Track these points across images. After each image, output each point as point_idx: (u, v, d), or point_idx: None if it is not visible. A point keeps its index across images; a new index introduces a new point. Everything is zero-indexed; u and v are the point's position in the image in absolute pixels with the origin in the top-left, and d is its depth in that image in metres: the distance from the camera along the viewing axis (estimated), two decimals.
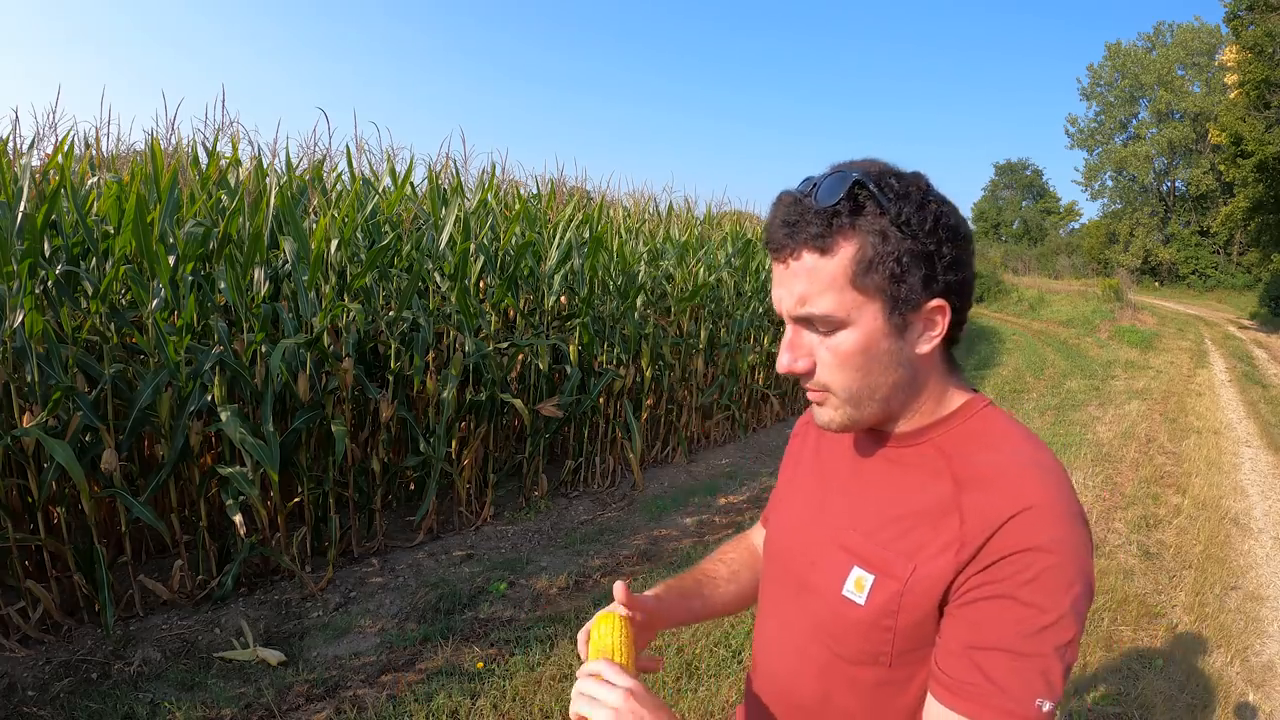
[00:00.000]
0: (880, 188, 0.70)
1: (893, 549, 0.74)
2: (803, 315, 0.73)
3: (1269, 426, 7.49)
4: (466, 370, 3.89)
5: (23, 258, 2.57)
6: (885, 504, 0.78)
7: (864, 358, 0.73)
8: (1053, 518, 0.68)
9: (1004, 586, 0.67)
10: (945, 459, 0.76)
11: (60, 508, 2.78)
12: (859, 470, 0.84)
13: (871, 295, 0.71)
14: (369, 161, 4.53)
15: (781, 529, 0.92)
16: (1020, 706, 0.65)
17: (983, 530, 0.69)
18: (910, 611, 0.72)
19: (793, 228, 0.71)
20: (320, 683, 2.49)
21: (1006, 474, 0.72)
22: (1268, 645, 3.08)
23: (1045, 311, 21.42)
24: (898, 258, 0.70)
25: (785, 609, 0.87)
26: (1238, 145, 17.76)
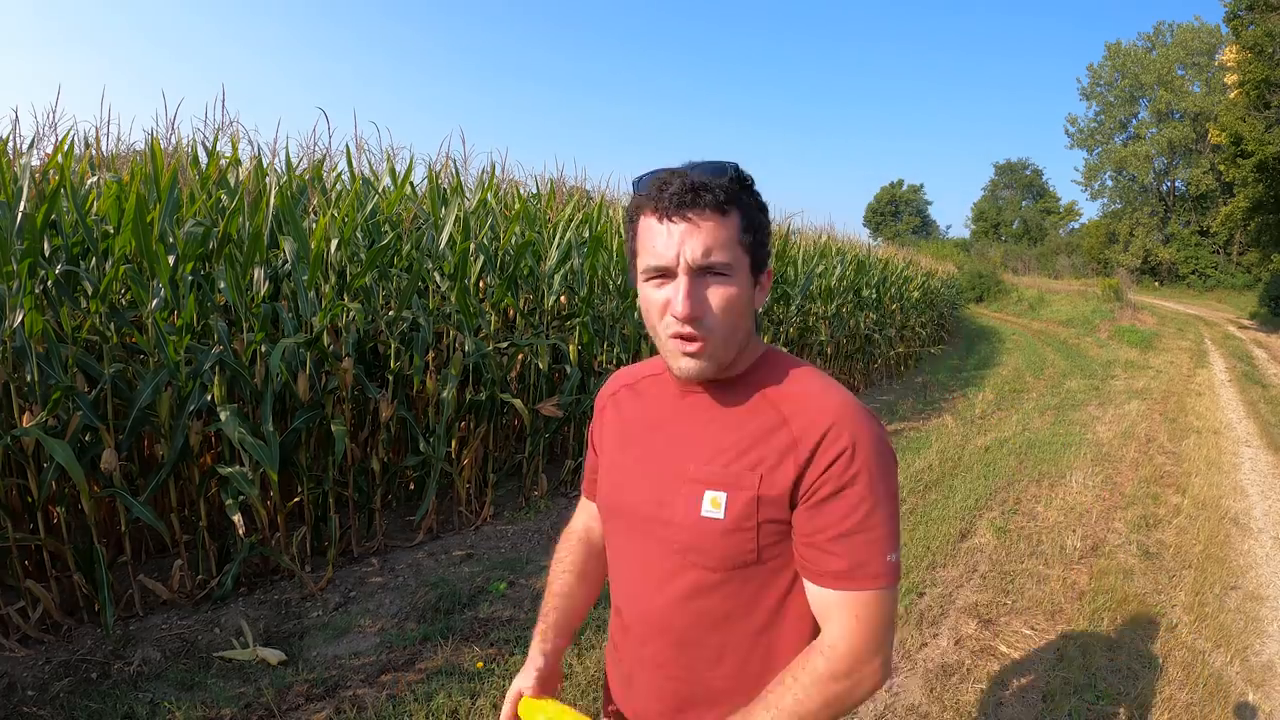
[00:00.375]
0: (746, 177, 0.90)
1: (736, 467, 0.91)
2: (705, 265, 0.86)
3: (1269, 426, 7.49)
4: (466, 370, 3.89)
5: (23, 257, 2.56)
6: (718, 435, 0.94)
7: (740, 304, 0.89)
8: (859, 419, 0.89)
9: (839, 481, 0.86)
10: (762, 394, 0.94)
11: (60, 507, 2.78)
12: (681, 416, 0.98)
13: (745, 254, 0.90)
14: (369, 161, 4.53)
15: (619, 488, 1.03)
16: (879, 566, 0.87)
17: (811, 438, 0.88)
18: (766, 510, 0.89)
19: (697, 193, 0.85)
20: (320, 682, 2.48)
21: (815, 394, 0.92)
22: (1268, 645, 3.08)
23: (1045, 311, 21.43)
24: (761, 229, 0.92)
25: (643, 550, 0.98)
26: (1238, 145, 17.76)
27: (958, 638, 2.99)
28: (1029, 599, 3.35)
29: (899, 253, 14.46)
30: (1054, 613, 3.24)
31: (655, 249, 0.88)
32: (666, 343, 0.91)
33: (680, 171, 0.88)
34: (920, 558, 3.72)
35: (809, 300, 7.90)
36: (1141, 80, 36.32)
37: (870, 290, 9.81)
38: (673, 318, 0.88)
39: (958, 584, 3.49)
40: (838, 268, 8.80)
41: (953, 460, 5.59)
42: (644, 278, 0.90)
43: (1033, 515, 4.48)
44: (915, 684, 2.65)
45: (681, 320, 0.87)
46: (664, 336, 0.91)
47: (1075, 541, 4.02)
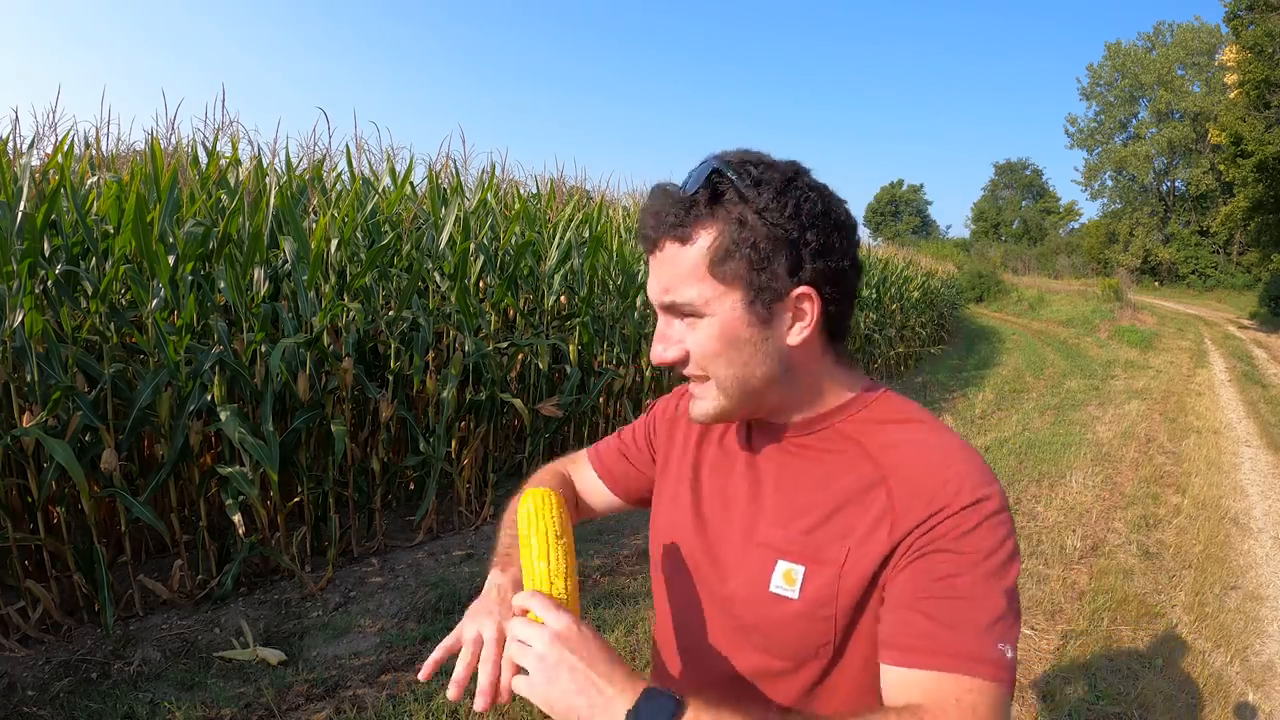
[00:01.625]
0: (739, 175, 0.70)
1: (819, 536, 0.72)
2: (665, 304, 0.74)
3: (1269, 426, 7.49)
4: (466, 370, 3.89)
5: (23, 257, 2.56)
6: (798, 493, 0.76)
7: (725, 346, 0.72)
8: (978, 479, 0.69)
9: (942, 543, 0.66)
10: (854, 441, 0.75)
11: (60, 507, 2.78)
12: (758, 464, 0.81)
13: (730, 284, 0.71)
14: (369, 161, 4.53)
15: (672, 523, 0.88)
16: (980, 648, 0.62)
17: (913, 499, 0.68)
18: (850, 594, 0.70)
19: (657, 218, 0.72)
20: (320, 682, 2.48)
21: (925, 445, 0.72)
22: (1267, 645, 3.08)
23: (1045, 311, 21.43)
24: (754, 244, 0.69)
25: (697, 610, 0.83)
26: (1238, 145, 17.77)
27: None
28: (1029, 599, 3.35)
29: (899, 253, 14.46)
30: (1054, 613, 3.24)
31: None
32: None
33: (660, 189, 0.74)
34: None
35: None
36: (1141, 80, 36.33)
37: (870, 290, 9.81)
38: None
39: None
40: None
41: None
42: None
43: (1033, 515, 4.48)
44: None
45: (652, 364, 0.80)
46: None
47: (1075, 541, 4.02)
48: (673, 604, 0.88)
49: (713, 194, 0.70)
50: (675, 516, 0.88)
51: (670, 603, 0.88)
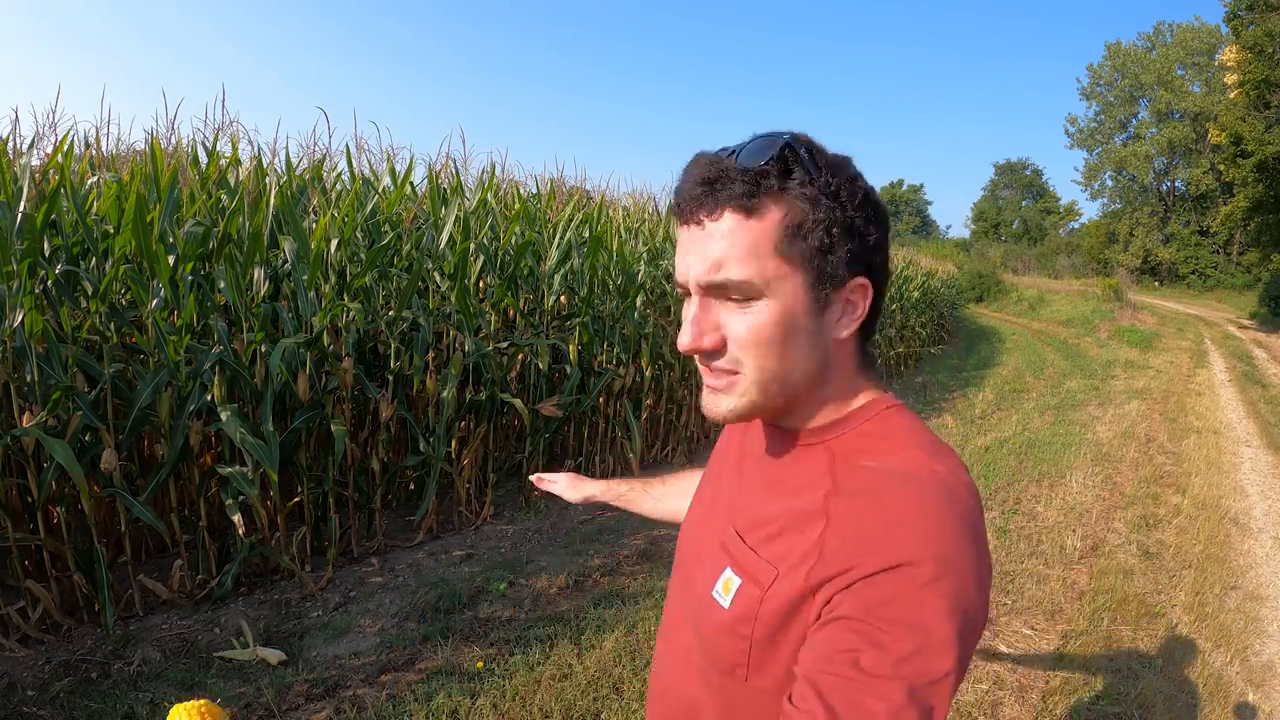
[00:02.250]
0: (811, 154, 0.65)
1: (761, 553, 0.68)
2: (715, 282, 0.65)
3: (1269, 426, 7.49)
4: (466, 370, 3.89)
5: (23, 257, 2.56)
6: (763, 505, 0.73)
7: (781, 333, 0.66)
8: (930, 532, 0.59)
9: (852, 607, 0.58)
10: (829, 462, 0.69)
11: (60, 507, 2.78)
12: (756, 458, 0.78)
13: (795, 265, 0.65)
14: (369, 161, 4.53)
15: (685, 522, 0.90)
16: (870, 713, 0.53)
17: (845, 541, 0.61)
18: (766, 622, 0.65)
19: (712, 185, 0.64)
20: (320, 682, 2.48)
21: (884, 487, 0.64)
22: (1267, 645, 3.08)
23: (1045, 311, 21.43)
24: (827, 227, 0.65)
25: (673, 605, 0.85)
26: (1238, 145, 17.77)
27: None
28: (1029, 599, 3.35)
29: (898, 253, 14.44)
30: (1054, 613, 3.24)
31: (675, 261, 0.70)
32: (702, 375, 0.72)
33: (712, 157, 0.67)
34: None
35: None
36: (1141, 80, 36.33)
37: None
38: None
39: None
40: None
41: None
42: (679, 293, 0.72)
43: (1033, 515, 4.48)
44: None
45: (682, 351, 0.68)
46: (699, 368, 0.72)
47: (1075, 541, 4.02)
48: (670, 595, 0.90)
49: (783, 168, 0.65)
50: (689, 516, 0.91)
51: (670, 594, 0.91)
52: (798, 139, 0.66)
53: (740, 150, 0.66)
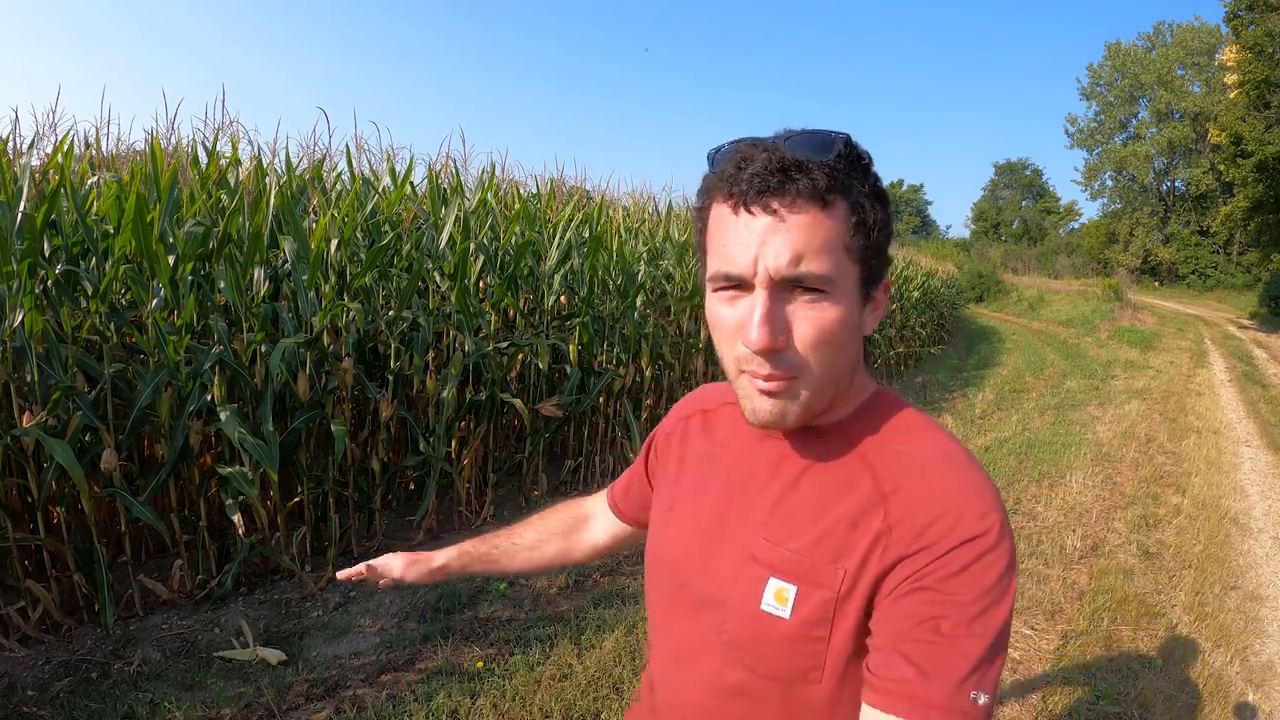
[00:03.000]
0: (860, 154, 0.66)
1: (814, 555, 0.69)
2: (793, 276, 0.63)
3: (1269, 426, 7.49)
4: (466, 370, 3.89)
5: (22, 257, 2.56)
6: (800, 506, 0.72)
7: (844, 333, 0.66)
8: (980, 509, 0.65)
9: (930, 580, 0.63)
10: (860, 455, 0.71)
11: (60, 507, 2.78)
12: (755, 468, 0.77)
13: (854, 262, 0.66)
14: (369, 161, 4.53)
15: (662, 537, 0.84)
16: (954, 700, 0.59)
17: (908, 529, 0.65)
18: (848, 618, 0.67)
19: (788, 174, 0.63)
20: (320, 682, 2.48)
21: (929, 468, 0.68)
22: (1267, 645, 3.08)
23: (1045, 311, 21.44)
24: (880, 227, 0.67)
25: (684, 625, 0.79)
26: (1238, 145, 17.78)
27: None
28: (1029, 599, 3.35)
29: (898, 253, 14.44)
30: (1054, 613, 3.24)
31: (727, 250, 0.65)
32: (738, 377, 0.69)
33: (769, 144, 0.65)
34: None
35: None
36: (1141, 80, 36.34)
37: None
38: (745, 347, 0.66)
39: None
40: None
41: None
42: (712, 287, 0.69)
43: (1033, 515, 4.48)
44: None
45: (756, 351, 0.65)
46: (734, 369, 0.69)
47: (1075, 541, 4.02)
48: (660, 614, 0.84)
49: (850, 166, 0.65)
50: (668, 529, 0.84)
51: (657, 613, 0.85)
52: (849, 138, 0.66)
53: (801, 141, 0.64)
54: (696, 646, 0.77)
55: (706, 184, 0.69)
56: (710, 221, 0.69)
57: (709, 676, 0.76)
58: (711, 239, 0.68)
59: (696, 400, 0.92)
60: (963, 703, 0.60)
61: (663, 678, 0.83)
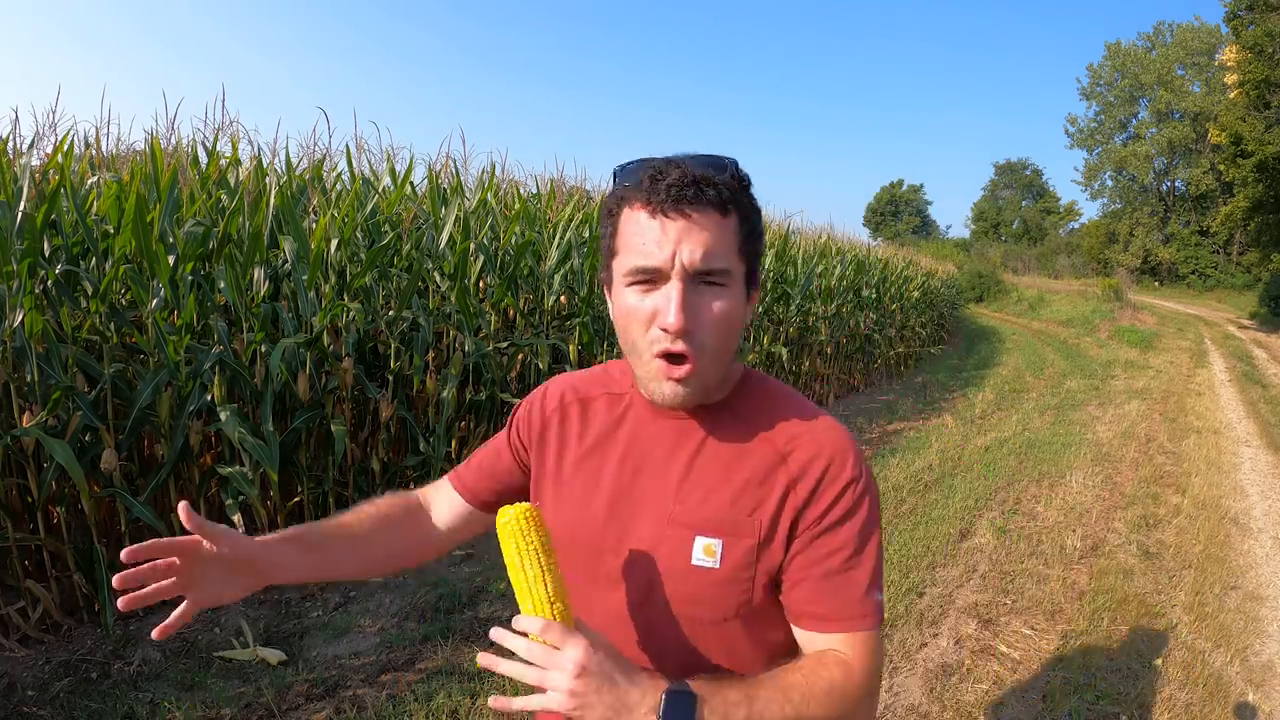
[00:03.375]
0: (745, 176, 0.81)
1: (733, 512, 0.82)
2: (704, 269, 0.76)
3: (1269, 426, 7.49)
4: (466, 370, 3.89)
5: (22, 257, 2.56)
6: (707, 473, 0.84)
7: (736, 319, 0.80)
8: (854, 453, 0.84)
9: (833, 516, 0.81)
10: (749, 423, 0.86)
11: (60, 507, 2.78)
12: (656, 446, 0.87)
13: (743, 262, 0.80)
14: (369, 161, 4.53)
15: (575, 522, 0.88)
16: (867, 606, 0.81)
17: (812, 474, 0.82)
18: (767, 559, 0.81)
19: (699, 186, 0.75)
20: (320, 682, 2.48)
21: (810, 425, 0.85)
22: (1267, 645, 3.08)
23: (1045, 311, 21.44)
24: (760, 235, 0.83)
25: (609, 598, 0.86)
26: (1238, 145, 17.78)
27: (958, 638, 2.99)
28: (1029, 599, 3.35)
29: (899, 253, 14.45)
30: (1054, 613, 3.24)
31: (644, 248, 0.76)
32: (650, 362, 0.79)
33: (677, 161, 0.77)
34: (920, 558, 3.72)
35: (809, 300, 7.90)
36: (1141, 80, 36.35)
37: (870, 290, 9.81)
38: (661, 330, 0.76)
39: (958, 584, 3.49)
40: (838, 267, 8.81)
41: (953, 460, 5.59)
42: (626, 281, 0.78)
43: (1033, 515, 4.48)
44: (915, 684, 2.65)
45: (673, 334, 0.76)
46: (646, 354, 0.79)
47: (1075, 541, 4.02)
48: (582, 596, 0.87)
49: (741, 184, 0.80)
50: (572, 512, 0.89)
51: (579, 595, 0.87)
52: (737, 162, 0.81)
53: (703, 161, 0.78)
54: (625, 614, 0.86)
55: (620, 194, 0.80)
56: (622, 226, 0.80)
57: (643, 635, 0.85)
58: (625, 240, 0.79)
59: (570, 390, 0.97)
60: (870, 605, 0.81)
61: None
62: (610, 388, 0.94)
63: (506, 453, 1.00)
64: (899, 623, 3.07)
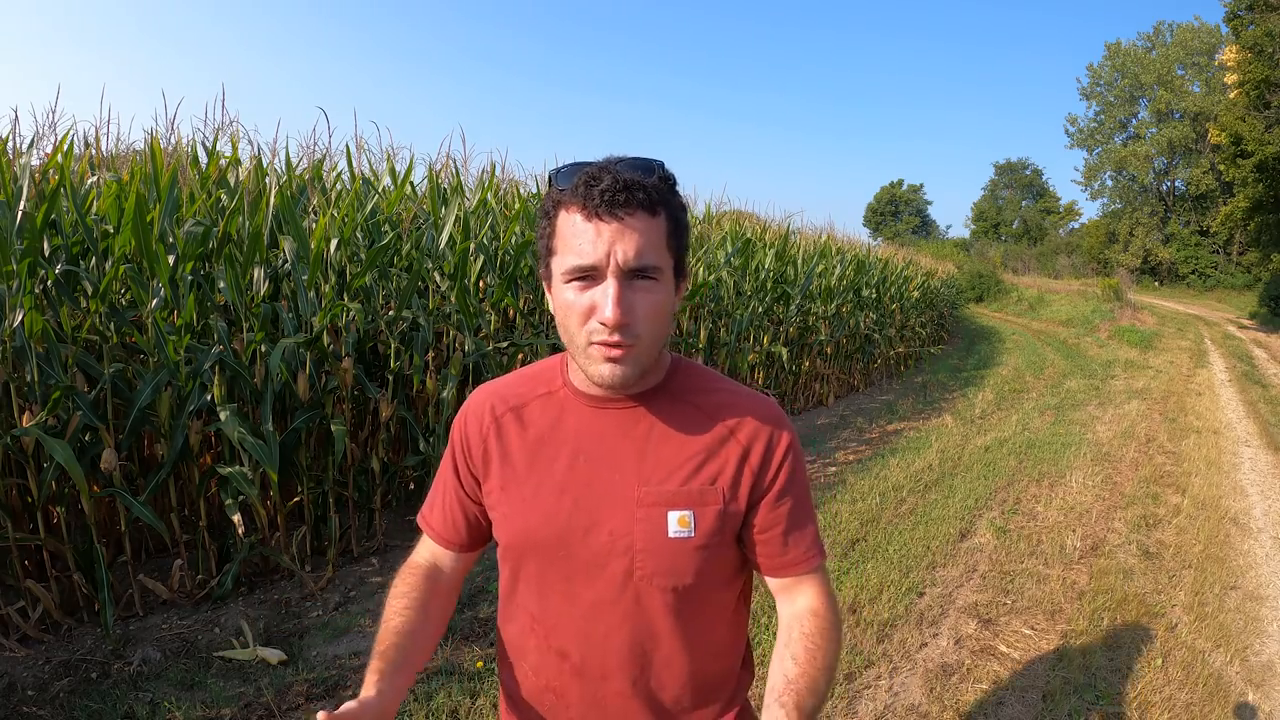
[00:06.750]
0: (671, 177, 0.87)
1: (696, 483, 0.90)
2: (638, 267, 0.82)
3: (1268, 426, 7.49)
4: (466, 369, 3.89)
5: (22, 257, 2.56)
6: (662, 451, 0.91)
7: (667, 310, 0.87)
8: (785, 423, 0.96)
9: (782, 479, 0.93)
10: (690, 403, 0.94)
11: (60, 507, 2.78)
12: (604, 435, 0.93)
13: (671, 257, 0.87)
14: (369, 161, 4.53)
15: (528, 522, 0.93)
16: (818, 547, 0.96)
17: (760, 444, 0.92)
18: (732, 521, 0.92)
19: (630, 191, 0.81)
20: (320, 682, 2.48)
21: (746, 402, 0.95)
22: (1267, 645, 3.08)
23: (1045, 311, 21.44)
24: (687, 231, 0.90)
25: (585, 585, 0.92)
26: (1237, 145, 17.78)
27: (958, 638, 2.99)
28: (1029, 599, 3.35)
29: (899, 252, 14.45)
30: (1054, 613, 3.24)
31: (581, 249, 0.81)
32: (587, 349, 0.85)
33: (608, 167, 0.83)
34: (920, 557, 3.72)
35: (809, 300, 7.90)
36: (1141, 80, 36.36)
37: (870, 290, 9.81)
38: (600, 324, 0.82)
39: (958, 584, 3.49)
40: (837, 267, 8.80)
41: (953, 460, 5.59)
42: (565, 278, 0.84)
43: (1033, 515, 4.48)
44: (915, 684, 2.65)
45: (611, 327, 0.82)
46: (582, 343, 0.85)
47: (1075, 541, 4.02)
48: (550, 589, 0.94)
49: (668, 185, 0.86)
50: (531, 515, 0.93)
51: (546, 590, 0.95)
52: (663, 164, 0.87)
53: (631, 165, 0.84)
54: (610, 598, 0.91)
55: (555, 198, 0.85)
56: (560, 227, 0.85)
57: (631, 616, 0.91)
58: (563, 240, 0.84)
59: (498, 399, 1.00)
60: (819, 546, 0.97)
61: (580, 638, 0.93)
62: (540, 388, 0.98)
63: (459, 490, 1.02)
64: (899, 623, 3.07)
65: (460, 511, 1.03)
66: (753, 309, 6.71)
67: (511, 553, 0.96)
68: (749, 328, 6.70)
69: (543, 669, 0.97)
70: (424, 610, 1.00)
